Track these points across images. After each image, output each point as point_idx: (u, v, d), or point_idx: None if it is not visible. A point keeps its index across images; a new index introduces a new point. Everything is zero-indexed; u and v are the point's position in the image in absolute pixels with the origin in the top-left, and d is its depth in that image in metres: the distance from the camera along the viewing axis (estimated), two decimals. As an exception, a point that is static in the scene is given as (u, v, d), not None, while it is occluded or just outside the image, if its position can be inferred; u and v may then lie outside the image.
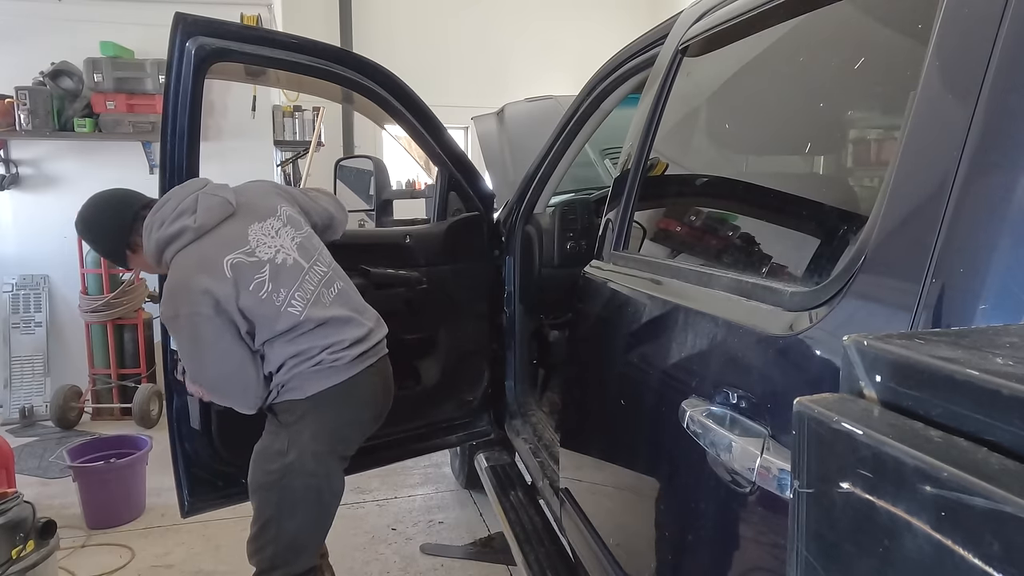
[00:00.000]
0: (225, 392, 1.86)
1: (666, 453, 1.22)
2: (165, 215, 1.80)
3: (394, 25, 7.23)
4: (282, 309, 1.79)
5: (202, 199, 1.81)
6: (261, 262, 1.80)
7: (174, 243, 1.78)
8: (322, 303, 1.87)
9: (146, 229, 1.82)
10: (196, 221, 1.77)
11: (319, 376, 1.84)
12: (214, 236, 1.80)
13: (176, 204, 1.81)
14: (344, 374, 1.87)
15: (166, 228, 1.78)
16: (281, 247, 1.85)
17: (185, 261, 1.77)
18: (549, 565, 2.03)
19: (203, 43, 1.97)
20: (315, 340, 1.83)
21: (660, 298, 1.32)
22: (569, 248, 2.84)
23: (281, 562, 1.88)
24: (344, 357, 1.86)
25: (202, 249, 1.77)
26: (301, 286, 1.84)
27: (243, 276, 1.76)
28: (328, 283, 1.92)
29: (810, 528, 0.46)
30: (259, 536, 1.88)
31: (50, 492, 3.58)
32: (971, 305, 0.66)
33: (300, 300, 1.82)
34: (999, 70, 0.67)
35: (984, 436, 0.38)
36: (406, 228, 2.70)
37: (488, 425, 2.85)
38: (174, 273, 1.78)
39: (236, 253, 1.78)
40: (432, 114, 2.52)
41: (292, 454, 1.83)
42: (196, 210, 1.79)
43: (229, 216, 1.83)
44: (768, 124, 1.38)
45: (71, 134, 4.63)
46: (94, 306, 4.50)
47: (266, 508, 1.88)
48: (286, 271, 1.82)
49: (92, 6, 4.69)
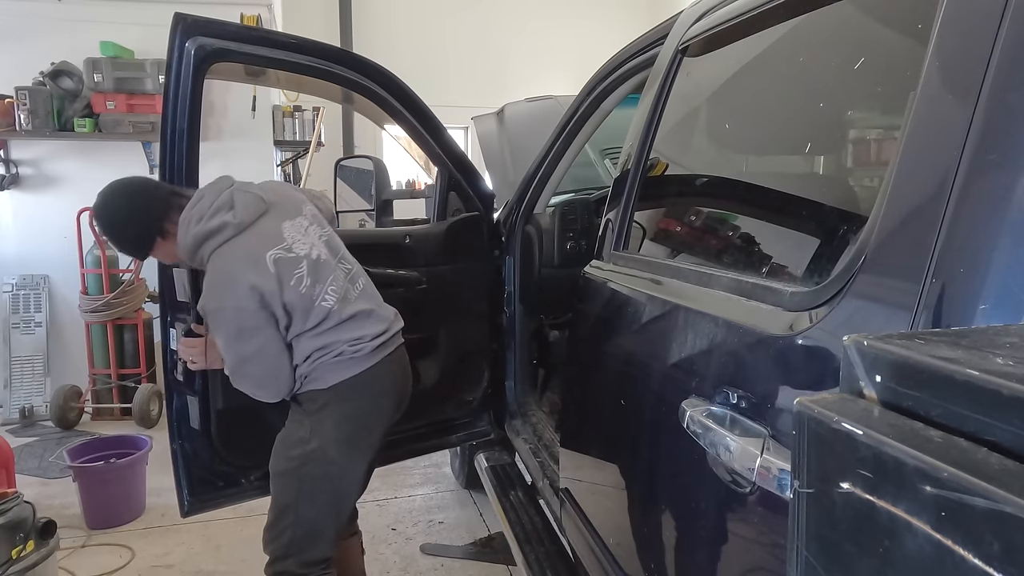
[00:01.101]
0: (260, 382, 1.86)
1: (666, 453, 1.22)
2: (203, 210, 1.81)
3: (394, 25, 7.23)
4: (316, 303, 1.84)
5: (237, 196, 1.84)
6: (299, 258, 1.84)
7: (214, 238, 1.79)
8: (348, 299, 1.92)
9: (183, 223, 1.83)
10: (236, 217, 1.80)
11: (340, 366, 1.88)
12: (253, 232, 1.82)
13: (212, 200, 1.83)
14: (364, 364, 1.91)
15: (205, 223, 1.79)
16: (313, 244, 1.90)
17: (229, 256, 1.79)
18: (549, 565, 2.03)
19: (203, 43, 1.97)
20: (340, 335, 1.87)
21: (660, 298, 1.32)
22: (569, 248, 2.84)
23: (296, 550, 1.90)
24: (365, 348, 1.91)
25: (244, 244, 1.80)
26: (333, 281, 1.89)
27: (285, 271, 1.80)
28: (353, 279, 1.98)
29: (810, 528, 0.46)
30: (276, 523, 1.92)
31: (50, 492, 3.58)
32: (971, 305, 0.66)
33: (333, 294, 1.88)
34: (999, 70, 0.67)
35: (984, 436, 0.38)
36: (406, 228, 2.70)
37: (488, 425, 2.85)
38: (218, 267, 1.79)
39: (276, 249, 1.82)
40: (432, 114, 2.52)
41: (314, 442, 1.87)
42: (234, 206, 1.82)
43: (263, 213, 1.86)
44: (768, 124, 1.38)
45: (71, 134, 4.64)
46: (94, 306, 4.50)
47: (285, 494, 1.91)
48: (320, 267, 1.88)
49: (92, 6, 4.69)
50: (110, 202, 1.88)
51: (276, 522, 1.92)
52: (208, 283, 1.81)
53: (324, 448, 1.87)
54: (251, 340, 1.79)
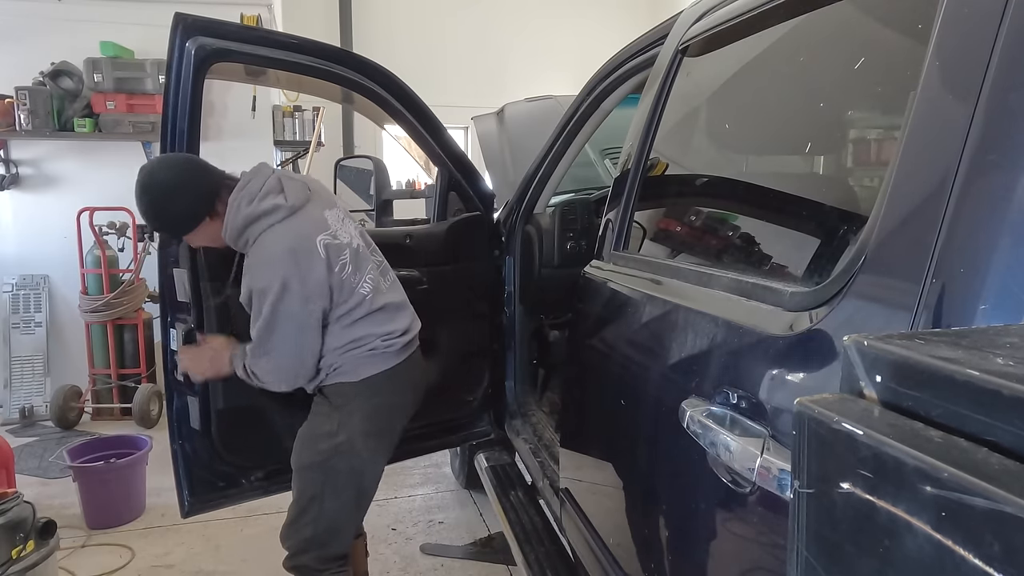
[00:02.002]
0: (281, 365, 1.84)
1: (666, 453, 1.22)
2: (253, 191, 1.82)
3: (394, 25, 7.23)
4: (356, 289, 1.88)
5: (285, 181, 1.87)
6: (343, 245, 1.88)
7: (264, 219, 1.80)
8: (380, 290, 1.97)
9: (232, 204, 1.83)
10: (288, 200, 1.82)
11: (372, 360, 1.92)
12: (303, 216, 1.84)
13: (261, 183, 1.84)
14: (393, 360, 1.96)
15: (257, 204, 1.80)
16: (352, 234, 1.95)
17: (280, 237, 1.80)
18: (549, 565, 2.03)
19: (203, 43, 1.97)
20: (372, 327, 1.91)
21: (660, 298, 1.32)
22: (569, 248, 2.84)
23: (316, 545, 1.92)
24: (396, 344, 1.96)
25: (295, 227, 1.81)
26: (370, 271, 1.95)
27: (333, 256, 1.84)
28: (384, 271, 2.05)
29: (810, 528, 0.46)
30: (299, 517, 1.93)
31: (50, 492, 3.58)
32: (971, 305, 0.66)
33: (370, 282, 1.93)
34: (999, 70, 0.67)
35: (984, 436, 0.38)
36: (407, 228, 2.70)
37: (488, 425, 2.85)
38: (270, 246, 1.80)
39: (324, 234, 1.85)
40: (432, 114, 2.52)
41: (342, 435, 1.89)
42: (283, 190, 1.84)
43: (308, 200, 1.89)
44: (768, 124, 1.38)
45: (71, 134, 4.64)
46: (94, 306, 4.50)
47: (310, 488, 1.92)
48: (360, 256, 1.93)
49: (92, 6, 4.69)
50: (162, 173, 1.83)
51: (299, 516, 1.93)
52: (258, 262, 1.80)
53: (352, 441, 1.89)
54: (292, 321, 1.79)
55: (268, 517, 3.15)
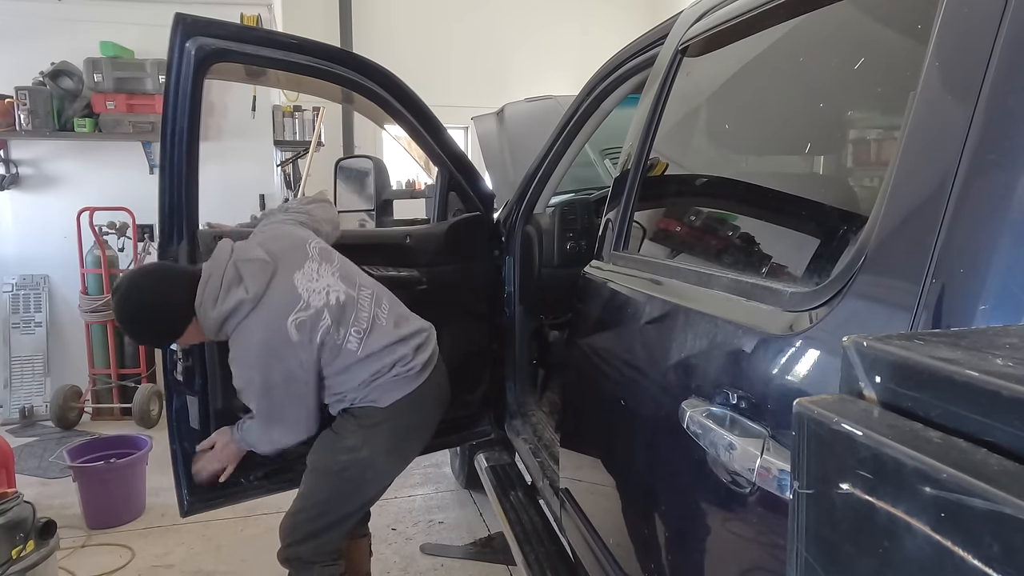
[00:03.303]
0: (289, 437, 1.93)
1: (666, 454, 1.22)
2: (214, 291, 1.79)
3: (394, 25, 7.23)
4: (343, 347, 1.87)
5: (242, 267, 1.82)
6: (319, 311, 1.84)
7: (233, 317, 1.80)
8: (379, 326, 1.94)
9: (200, 309, 1.81)
10: (249, 291, 1.79)
11: (396, 385, 1.95)
12: (268, 303, 1.81)
13: (219, 278, 1.80)
14: (416, 381, 1.98)
15: (221, 305, 1.78)
16: (328, 287, 1.89)
17: (251, 333, 1.80)
18: (549, 565, 2.03)
19: (203, 43, 1.97)
20: (383, 360, 1.91)
21: (660, 298, 1.32)
22: (569, 248, 2.83)
23: (314, 537, 1.97)
24: (415, 366, 1.97)
25: (263, 317, 1.80)
26: (356, 319, 1.90)
27: (307, 332, 1.82)
28: (377, 302, 1.99)
29: (810, 529, 0.46)
30: (301, 511, 1.98)
31: (50, 492, 3.58)
32: (971, 305, 0.66)
33: (356, 336, 1.89)
34: (999, 70, 0.67)
35: (984, 437, 0.38)
36: (407, 228, 2.70)
37: (488, 425, 2.85)
38: (243, 344, 1.82)
39: (295, 313, 1.81)
40: (432, 114, 2.52)
41: (365, 451, 1.93)
42: (243, 279, 1.80)
43: (273, 274, 1.84)
44: (768, 124, 1.38)
45: (71, 134, 4.64)
46: (94, 306, 4.50)
47: (320, 491, 1.97)
48: (341, 309, 1.88)
49: (92, 6, 4.69)
50: (135, 295, 1.82)
51: (301, 510, 1.98)
52: (234, 359, 1.84)
53: (373, 458, 1.95)
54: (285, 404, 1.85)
55: (268, 517, 3.15)
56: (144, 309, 1.82)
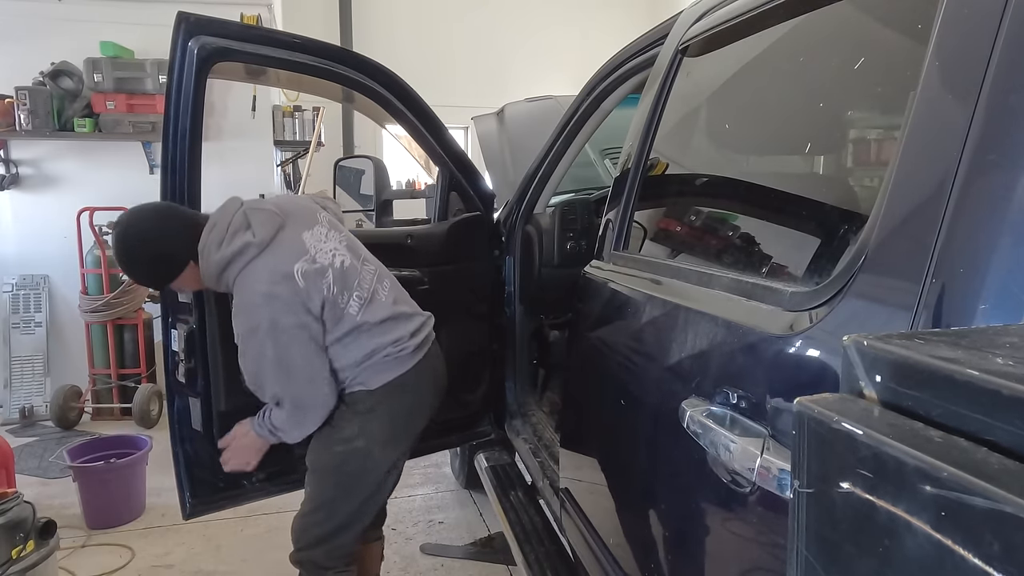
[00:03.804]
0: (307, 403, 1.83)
1: (666, 453, 1.22)
2: (220, 234, 1.78)
3: (394, 25, 7.24)
4: (344, 311, 1.84)
5: (251, 214, 1.82)
6: (324, 267, 1.83)
7: (237, 260, 1.77)
8: (379, 300, 1.93)
9: (203, 251, 1.79)
10: (256, 236, 1.77)
11: (386, 368, 1.91)
12: (276, 248, 1.80)
13: (227, 223, 1.80)
14: (408, 363, 1.94)
15: (226, 247, 1.77)
16: (335, 250, 1.89)
17: (256, 276, 1.77)
18: (549, 565, 2.03)
19: (205, 43, 1.97)
20: (380, 338, 1.89)
21: (660, 298, 1.32)
22: (569, 248, 2.83)
23: (326, 541, 1.95)
24: (408, 347, 1.93)
25: (269, 262, 1.78)
26: (359, 286, 1.89)
27: (313, 283, 1.79)
28: (380, 279, 1.99)
29: (810, 528, 0.46)
30: (311, 514, 1.95)
31: (50, 492, 3.58)
32: (971, 305, 0.66)
33: (357, 301, 1.87)
34: (999, 70, 0.67)
35: (984, 436, 0.38)
36: (408, 228, 2.70)
37: (488, 425, 2.85)
38: (248, 288, 1.77)
39: (302, 261, 1.80)
40: (433, 114, 2.52)
41: (361, 440, 1.89)
42: (250, 225, 1.79)
43: (281, 227, 1.84)
44: (768, 124, 1.38)
45: (71, 134, 4.63)
46: (94, 306, 4.50)
47: (325, 490, 1.94)
48: (346, 273, 1.87)
49: (92, 6, 4.69)
50: (135, 226, 1.81)
51: (311, 513, 1.96)
52: (238, 306, 1.80)
53: (369, 447, 1.90)
54: (293, 358, 1.77)
55: (268, 517, 3.16)
56: (143, 243, 1.80)
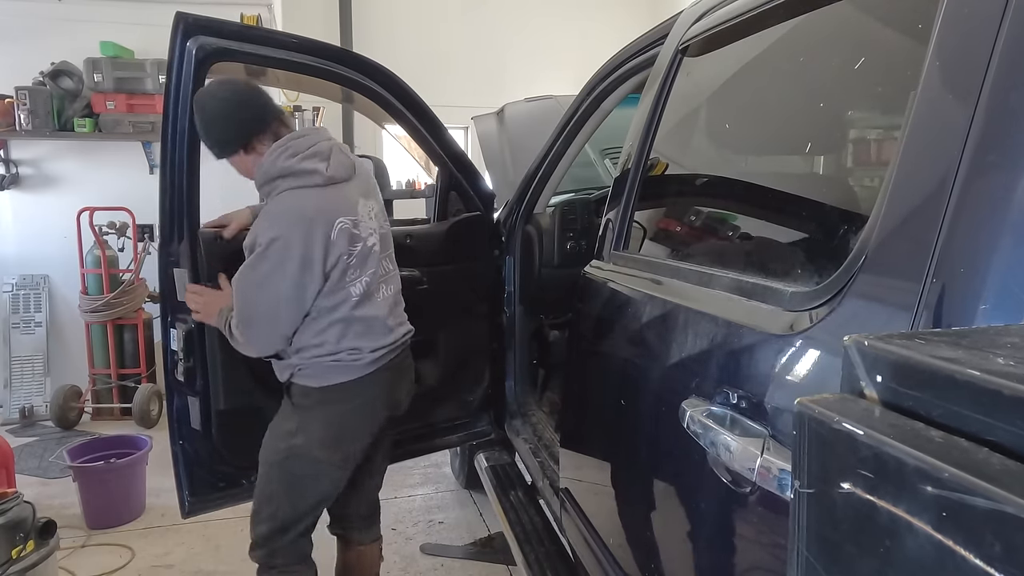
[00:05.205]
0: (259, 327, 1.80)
1: (666, 453, 1.22)
2: (299, 148, 1.78)
3: (394, 25, 7.23)
4: (347, 286, 1.82)
5: (336, 153, 1.83)
6: (358, 237, 1.83)
7: (296, 178, 1.77)
8: (374, 299, 1.90)
9: (274, 150, 1.78)
10: (329, 170, 1.78)
11: (335, 370, 1.87)
12: (335, 192, 1.80)
13: (311, 143, 1.80)
14: (359, 372, 1.89)
15: (298, 162, 1.76)
16: (373, 231, 1.90)
17: (305, 200, 1.76)
18: (549, 565, 2.03)
19: (204, 43, 1.97)
20: (341, 340, 1.84)
21: (660, 298, 1.32)
22: (569, 248, 2.84)
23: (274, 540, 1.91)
24: (363, 359, 1.89)
25: (323, 198, 1.78)
26: (372, 276, 1.88)
27: (342, 242, 1.78)
28: (388, 281, 1.97)
29: (811, 528, 0.46)
30: (259, 511, 1.94)
31: (50, 492, 3.58)
32: (972, 305, 0.66)
33: (362, 286, 1.85)
34: (999, 70, 0.67)
35: (985, 436, 0.38)
36: (408, 228, 2.70)
37: (488, 425, 2.85)
38: (291, 204, 1.76)
39: (347, 218, 1.80)
40: (433, 114, 2.52)
41: (300, 437, 1.86)
42: (329, 159, 1.80)
43: (348, 180, 1.85)
44: (768, 124, 1.38)
45: (71, 134, 4.63)
46: (94, 306, 4.50)
47: (268, 484, 1.92)
48: (369, 256, 1.87)
49: (92, 6, 4.69)
50: (222, 91, 1.83)
51: (259, 510, 1.94)
52: (272, 214, 1.77)
53: (309, 445, 1.86)
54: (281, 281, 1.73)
55: (268, 517, 3.15)
56: (223, 102, 1.81)
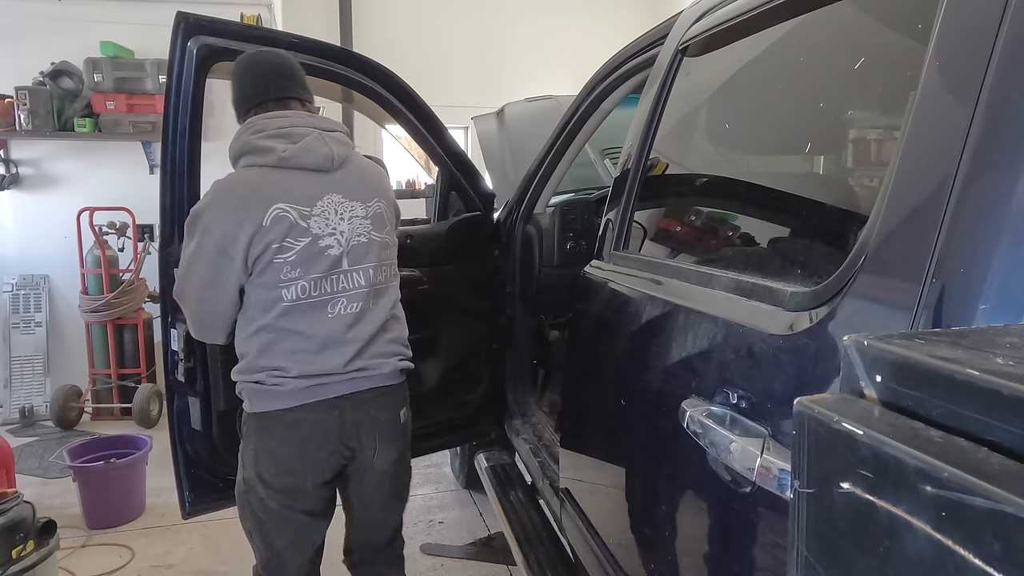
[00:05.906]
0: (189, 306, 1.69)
1: (666, 453, 1.22)
2: (267, 126, 1.64)
3: (394, 25, 7.23)
4: (277, 285, 1.59)
5: (310, 139, 1.64)
6: (306, 231, 1.60)
7: (253, 156, 1.63)
8: (320, 312, 1.63)
9: (245, 127, 1.68)
10: (288, 152, 1.61)
11: (260, 395, 1.65)
12: (288, 176, 1.61)
13: (284, 124, 1.65)
14: (285, 402, 1.63)
15: (259, 139, 1.62)
16: (340, 233, 1.65)
17: (245, 178, 1.63)
18: (549, 565, 2.02)
19: (204, 42, 1.97)
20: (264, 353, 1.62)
21: (660, 298, 1.32)
22: (569, 248, 2.84)
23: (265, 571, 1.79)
24: (286, 385, 1.61)
25: (268, 179, 1.60)
26: (320, 281, 1.62)
27: (276, 230, 1.57)
28: (356, 298, 1.67)
29: (810, 528, 0.46)
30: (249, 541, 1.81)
31: (50, 492, 3.58)
32: (971, 305, 0.66)
33: (296, 290, 1.60)
34: (999, 70, 0.67)
35: (984, 436, 0.38)
36: (408, 228, 2.70)
37: (488, 425, 2.85)
38: (229, 181, 1.64)
39: (290, 207, 1.59)
40: (433, 114, 2.52)
41: (248, 469, 1.69)
42: (296, 143, 1.62)
43: (317, 170, 1.65)
44: (768, 124, 1.38)
45: (71, 134, 4.63)
46: (94, 306, 4.50)
47: (243, 519, 1.78)
48: (318, 257, 1.62)
49: (92, 6, 4.69)
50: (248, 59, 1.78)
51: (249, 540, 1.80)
52: (210, 189, 1.65)
53: (251, 480, 1.68)
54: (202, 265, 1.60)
55: (268, 517, 3.15)
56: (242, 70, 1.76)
